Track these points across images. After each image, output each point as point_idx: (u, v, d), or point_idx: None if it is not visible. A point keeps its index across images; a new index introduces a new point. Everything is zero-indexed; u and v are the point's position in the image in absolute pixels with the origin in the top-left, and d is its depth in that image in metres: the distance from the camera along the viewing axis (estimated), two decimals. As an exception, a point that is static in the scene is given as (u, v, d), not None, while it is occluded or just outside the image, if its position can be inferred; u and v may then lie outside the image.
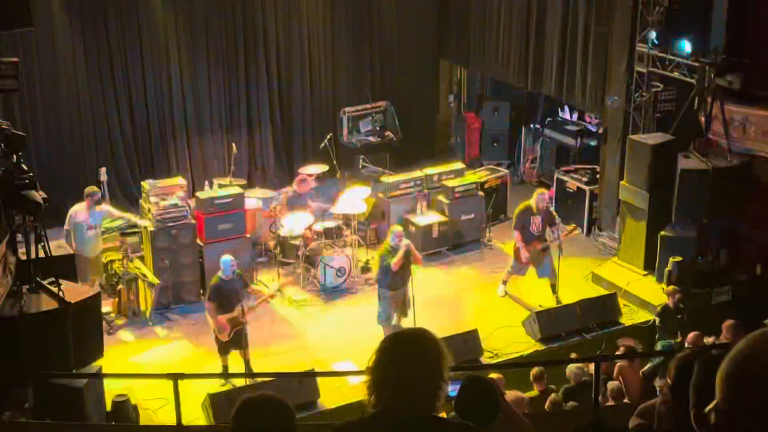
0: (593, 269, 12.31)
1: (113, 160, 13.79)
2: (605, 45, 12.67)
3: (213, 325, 9.85)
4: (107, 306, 10.78)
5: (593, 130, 14.51)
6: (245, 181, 13.79)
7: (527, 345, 10.63)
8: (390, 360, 2.64)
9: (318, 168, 13.49)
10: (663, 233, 11.52)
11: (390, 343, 2.72)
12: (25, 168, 7.33)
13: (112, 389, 8.71)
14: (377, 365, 2.65)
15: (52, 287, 7.49)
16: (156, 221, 11.32)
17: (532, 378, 8.98)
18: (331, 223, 12.35)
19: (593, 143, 14.25)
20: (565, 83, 13.53)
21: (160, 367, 9.97)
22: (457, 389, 3.12)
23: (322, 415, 9.05)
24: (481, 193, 13.40)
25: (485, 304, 11.63)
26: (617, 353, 9.86)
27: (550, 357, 10.38)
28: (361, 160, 14.66)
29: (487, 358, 10.25)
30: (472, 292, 12.01)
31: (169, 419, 7.74)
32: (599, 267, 12.37)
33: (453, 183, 13.19)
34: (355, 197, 12.65)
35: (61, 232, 10.85)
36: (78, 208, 10.99)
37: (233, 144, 13.68)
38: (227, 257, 9.89)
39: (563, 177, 13.79)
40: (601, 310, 11.08)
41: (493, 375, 7.92)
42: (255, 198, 12.91)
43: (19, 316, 7.16)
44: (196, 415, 8.83)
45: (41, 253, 7.48)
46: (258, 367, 9.93)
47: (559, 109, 15.25)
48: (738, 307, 10.65)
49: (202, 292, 11.56)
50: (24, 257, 7.60)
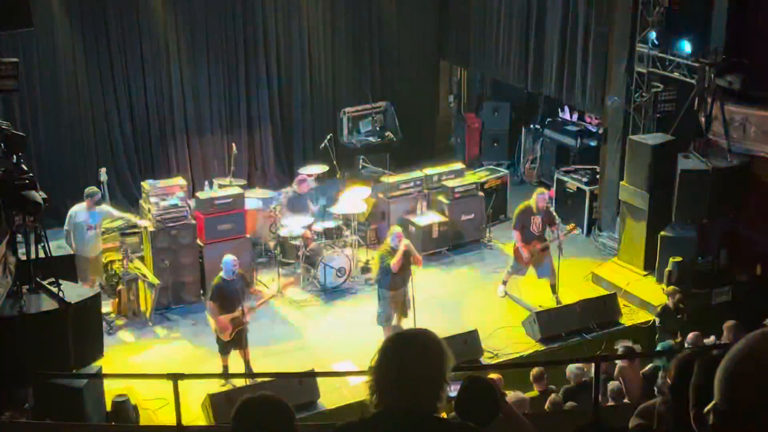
0: (593, 269, 12.31)
1: (113, 160, 13.80)
2: (605, 45, 12.67)
3: (214, 325, 9.85)
4: (107, 306, 10.79)
5: (593, 130, 14.51)
6: (245, 182, 13.77)
7: (527, 345, 10.63)
8: (392, 360, 2.63)
9: (318, 168, 13.50)
10: (663, 233, 11.52)
11: (392, 343, 2.72)
12: (25, 168, 7.33)
13: (112, 389, 8.71)
14: (379, 365, 2.65)
15: (52, 287, 7.48)
16: (156, 221, 11.32)
17: (532, 378, 8.98)
18: (331, 224, 12.35)
19: (593, 143, 14.24)
20: (565, 83, 13.53)
21: (160, 368, 9.95)
22: (457, 389, 3.12)
23: (322, 416, 9.05)
24: (481, 194, 13.40)
25: (485, 304, 11.62)
26: (617, 354, 9.85)
27: (550, 357, 10.38)
28: (361, 160, 14.66)
29: (487, 358, 10.25)
30: (472, 292, 12.00)
31: (169, 419, 7.74)
32: (599, 267, 12.37)
33: (453, 183, 13.19)
34: (355, 197, 12.65)
35: (61, 232, 10.86)
36: (78, 208, 10.99)
37: (233, 144, 13.68)
38: (229, 257, 9.85)
39: (563, 177, 13.78)
40: (601, 310, 11.07)
41: (493, 375, 7.93)
42: (255, 198, 12.90)
43: (19, 316, 7.16)
44: (196, 415, 8.83)
45: (41, 254, 7.48)
46: (258, 367, 9.92)
47: (559, 110, 15.25)
48: (738, 308, 10.64)
49: (202, 292, 11.57)
50: (24, 257, 7.60)
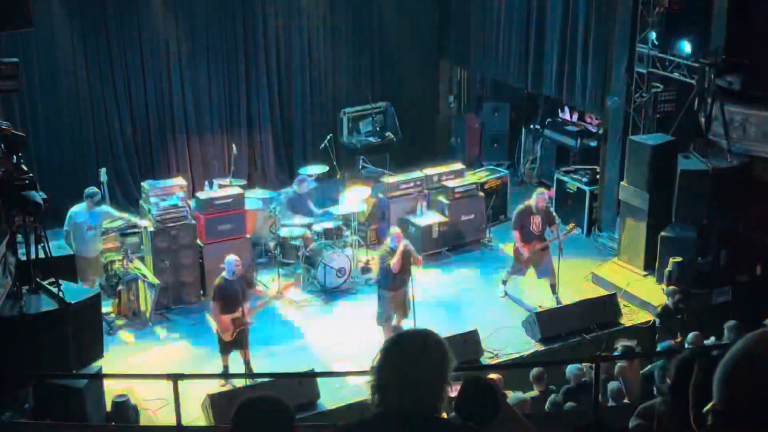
0: (593, 270, 12.31)
1: (113, 160, 13.79)
2: (605, 45, 12.67)
3: (216, 326, 9.85)
4: (107, 306, 10.78)
5: (593, 130, 14.51)
6: (245, 182, 13.78)
7: (527, 345, 10.64)
8: (394, 360, 2.63)
9: (318, 168, 13.50)
10: (663, 234, 11.52)
11: (395, 343, 2.72)
12: (25, 168, 7.34)
13: (112, 390, 8.71)
14: (381, 365, 2.64)
15: (52, 288, 7.49)
16: (156, 222, 11.32)
17: (532, 378, 8.98)
18: (331, 224, 12.35)
19: (593, 144, 14.24)
20: (565, 84, 13.53)
21: (160, 368, 9.96)
22: (457, 390, 3.12)
23: (322, 416, 9.04)
24: (482, 194, 13.40)
25: (485, 304, 11.61)
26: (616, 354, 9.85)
27: (550, 357, 10.38)
28: (361, 160, 14.66)
29: (487, 358, 10.25)
30: (472, 292, 11.99)
31: (169, 419, 7.74)
32: (599, 267, 12.37)
33: (453, 183, 13.19)
34: (355, 198, 12.64)
35: (61, 232, 10.86)
36: (78, 208, 10.99)
37: (233, 144, 13.68)
38: (231, 257, 9.87)
39: (563, 177, 13.78)
40: (601, 310, 11.07)
41: (493, 375, 7.93)
42: (255, 198, 12.90)
43: (19, 316, 7.16)
44: (196, 416, 8.83)
45: (41, 254, 7.48)
46: (258, 368, 9.92)
47: (559, 110, 15.25)
48: (738, 308, 10.63)
49: (202, 292, 11.57)
50: (24, 258, 7.60)
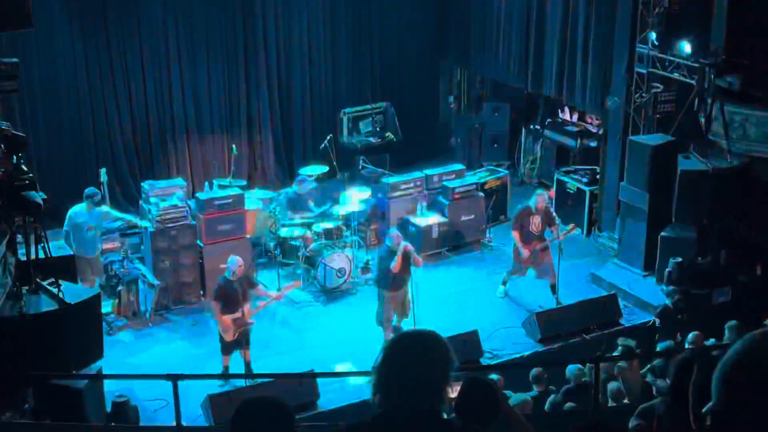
0: (593, 270, 12.31)
1: (113, 160, 13.80)
2: (605, 45, 12.67)
3: (219, 325, 9.87)
4: (107, 306, 10.78)
5: (593, 130, 14.51)
6: (245, 182, 13.78)
7: (527, 346, 10.63)
8: (396, 360, 2.64)
9: (318, 168, 13.50)
10: (663, 234, 11.52)
11: (397, 343, 2.73)
12: (25, 169, 7.33)
13: (112, 390, 8.70)
14: (383, 365, 2.65)
15: (51, 288, 7.48)
16: (156, 222, 11.32)
17: (532, 379, 8.97)
18: (331, 224, 12.35)
19: (593, 144, 14.24)
20: (565, 84, 13.53)
21: (160, 368, 9.95)
22: (457, 390, 3.12)
23: (322, 416, 9.04)
24: (482, 194, 13.40)
25: (485, 304, 11.61)
26: (616, 354, 9.84)
27: (550, 358, 10.37)
28: (362, 160, 14.66)
29: (487, 358, 10.25)
30: (471, 292, 11.99)
31: (169, 419, 7.73)
32: (599, 268, 12.37)
33: (453, 184, 13.19)
34: (355, 198, 12.64)
35: (61, 232, 10.85)
36: (78, 209, 10.98)
37: (233, 145, 13.68)
38: (234, 258, 9.89)
39: (563, 178, 13.78)
40: (601, 310, 11.06)
41: (493, 376, 7.93)
42: (255, 198, 12.90)
43: (19, 317, 7.15)
44: (196, 416, 8.83)
45: (41, 254, 7.48)
46: (258, 368, 9.92)
47: (559, 110, 15.25)
48: (738, 308, 10.63)
49: (202, 292, 11.58)
50: (24, 258, 7.60)
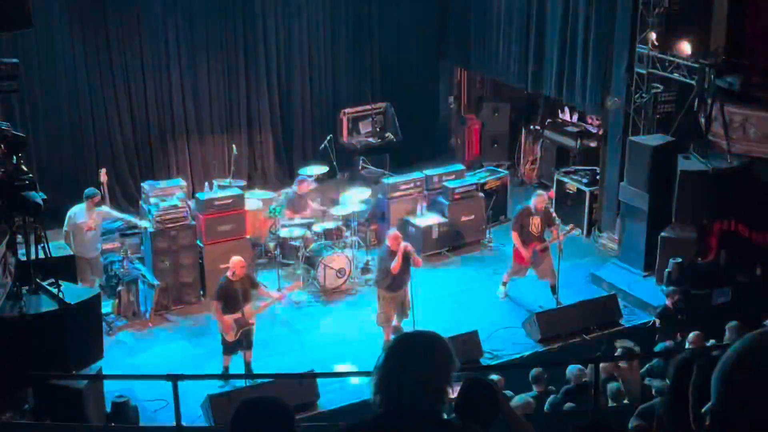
0: (593, 270, 12.31)
1: (113, 161, 13.78)
2: (605, 45, 12.66)
3: (220, 325, 9.87)
4: (107, 307, 10.78)
5: (593, 131, 14.50)
6: (245, 182, 13.78)
7: (527, 346, 10.63)
8: (398, 360, 2.64)
9: (318, 169, 13.50)
10: (663, 234, 11.52)
11: (399, 344, 2.73)
12: (25, 169, 7.34)
13: (112, 390, 8.71)
14: (385, 365, 2.65)
15: (51, 288, 7.49)
16: (156, 222, 11.32)
17: (531, 379, 8.97)
18: (331, 224, 12.35)
19: (593, 144, 14.24)
20: (565, 84, 13.52)
21: (160, 368, 9.96)
22: (458, 391, 3.13)
23: (322, 416, 9.05)
24: (481, 195, 13.40)
25: (485, 305, 11.61)
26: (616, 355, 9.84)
27: (550, 358, 10.37)
28: (361, 161, 14.65)
29: (487, 359, 10.25)
30: (472, 293, 11.99)
31: (169, 420, 7.74)
32: (599, 268, 12.37)
33: (453, 184, 13.19)
34: (355, 198, 12.64)
35: (61, 233, 10.85)
36: (77, 209, 10.99)
37: (233, 145, 13.68)
38: (237, 258, 9.90)
39: (563, 178, 13.78)
40: (601, 311, 11.06)
41: (493, 376, 7.93)
42: (255, 199, 12.90)
43: (19, 317, 7.16)
44: (196, 416, 8.83)
45: (41, 254, 7.48)
46: (258, 368, 9.93)
47: (559, 110, 15.25)
48: (738, 308, 10.63)
49: (202, 293, 11.58)
50: (24, 258, 7.60)
